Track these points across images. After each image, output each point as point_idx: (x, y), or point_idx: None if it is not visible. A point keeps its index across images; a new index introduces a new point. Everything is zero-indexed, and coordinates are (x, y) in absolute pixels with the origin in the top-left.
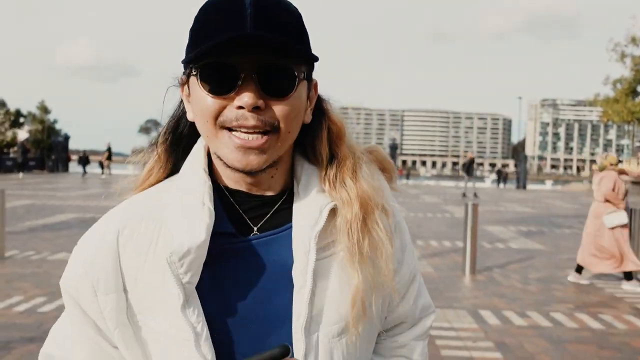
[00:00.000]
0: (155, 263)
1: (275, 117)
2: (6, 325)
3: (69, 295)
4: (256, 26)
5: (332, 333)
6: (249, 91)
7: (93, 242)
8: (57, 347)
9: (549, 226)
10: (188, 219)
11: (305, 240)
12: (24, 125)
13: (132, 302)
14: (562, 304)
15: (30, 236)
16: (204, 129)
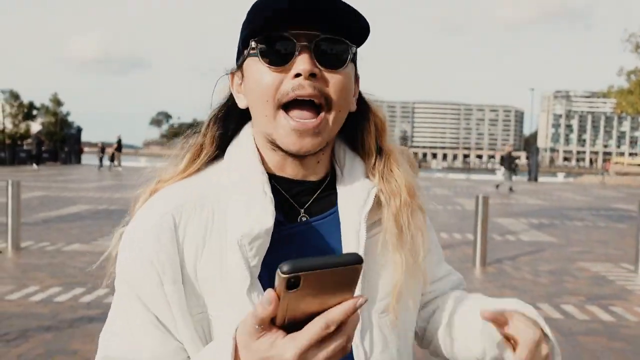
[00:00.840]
0: (212, 251)
1: (329, 88)
2: (23, 314)
3: (130, 288)
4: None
5: (379, 309)
6: (305, 60)
7: (150, 232)
8: (121, 346)
9: (560, 219)
10: (253, 206)
11: (355, 220)
12: (37, 117)
13: (189, 293)
14: (573, 296)
15: (44, 227)
16: (262, 110)
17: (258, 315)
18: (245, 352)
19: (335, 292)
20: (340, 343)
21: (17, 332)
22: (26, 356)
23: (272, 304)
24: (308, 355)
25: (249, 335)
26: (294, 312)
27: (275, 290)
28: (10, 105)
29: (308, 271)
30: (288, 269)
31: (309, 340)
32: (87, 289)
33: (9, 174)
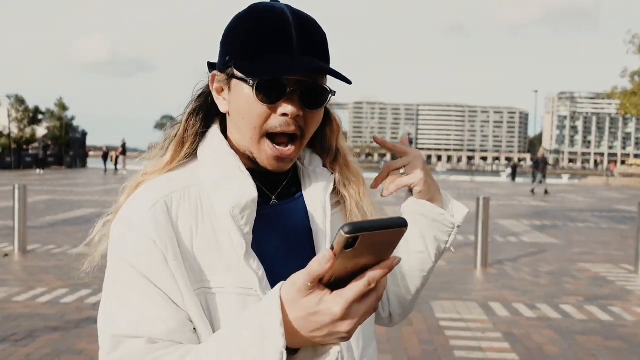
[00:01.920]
0: (206, 230)
1: (306, 125)
2: (31, 315)
3: (134, 269)
4: (302, 51)
5: None
6: (293, 103)
7: (147, 215)
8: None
9: (562, 220)
10: (235, 183)
11: (320, 199)
12: (43, 122)
13: (188, 269)
14: (572, 296)
15: (50, 231)
16: (248, 133)
17: (313, 272)
18: (292, 307)
19: (378, 253)
20: (377, 299)
21: (24, 332)
22: (34, 356)
23: (330, 262)
24: (352, 309)
25: (298, 292)
26: (342, 270)
27: (333, 250)
28: (16, 110)
29: (367, 232)
30: (350, 230)
31: (355, 295)
32: (93, 290)
33: (15, 178)
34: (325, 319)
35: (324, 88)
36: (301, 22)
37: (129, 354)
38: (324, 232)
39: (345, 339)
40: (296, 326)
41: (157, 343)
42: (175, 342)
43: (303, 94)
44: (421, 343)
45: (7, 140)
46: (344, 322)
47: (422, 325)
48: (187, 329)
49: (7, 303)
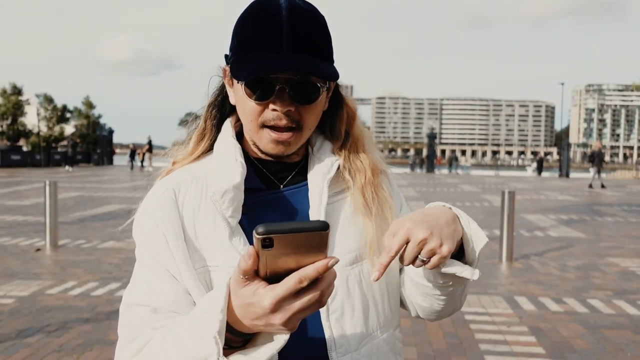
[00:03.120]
0: (207, 211)
1: (301, 118)
2: (63, 308)
3: (144, 248)
4: (291, 48)
5: (345, 262)
6: (282, 99)
7: (156, 200)
8: (142, 294)
9: (590, 214)
10: (224, 169)
11: (319, 185)
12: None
13: (191, 249)
14: (600, 290)
15: (80, 226)
16: (247, 124)
17: (240, 267)
18: (234, 297)
19: (309, 253)
20: (314, 296)
21: (57, 324)
22: (67, 346)
23: (251, 259)
24: (284, 304)
25: (237, 283)
26: (274, 267)
27: (254, 248)
28: (44, 109)
29: (279, 234)
30: (262, 231)
31: (285, 291)
32: (122, 283)
33: (45, 175)
34: (257, 310)
35: (313, 84)
36: (296, 18)
37: (136, 319)
38: (316, 217)
39: (287, 331)
40: (238, 314)
41: (159, 313)
42: (175, 312)
43: (292, 90)
44: (446, 336)
45: (37, 138)
46: (274, 315)
47: (447, 318)
48: (185, 301)
49: (40, 296)
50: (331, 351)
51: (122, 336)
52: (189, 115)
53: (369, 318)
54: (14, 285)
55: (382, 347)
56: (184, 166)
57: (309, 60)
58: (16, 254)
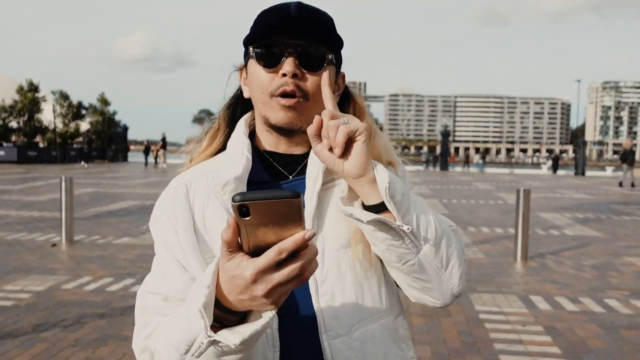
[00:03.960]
0: (215, 206)
1: (307, 87)
2: (78, 303)
3: (157, 239)
4: (298, 18)
5: (336, 245)
6: (290, 64)
7: (170, 195)
8: (154, 282)
9: (607, 213)
10: (230, 162)
11: (315, 170)
12: (86, 117)
13: (200, 240)
14: (617, 290)
15: (95, 222)
16: (258, 98)
17: (223, 238)
18: (221, 273)
19: (286, 225)
20: (294, 269)
21: (73, 318)
22: (82, 340)
23: (231, 228)
24: (265, 276)
25: (222, 257)
26: (255, 240)
27: (234, 218)
28: (60, 106)
29: (253, 201)
30: (238, 199)
31: (265, 263)
32: (137, 279)
33: (60, 171)
34: (240, 282)
35: (320, 51)
36: (303, 8)
37: (149, 306)
38: (309, 201)
39: (271, 306)
40: (224, 290)
41: (169, 301)
42: (184, 301)
43: (300, 56)
44: (460, 335)
45: (53, 134)
46: (256, 286)
47: (461, 317)
48: None
49: (56, 290)
50: (322, 334)
51: (137, 322)
52: (203, 113)
53: (362, 303)
54: (30, 280)
55: (378, 333)
56: (198, 163)
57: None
58: (33, 249)
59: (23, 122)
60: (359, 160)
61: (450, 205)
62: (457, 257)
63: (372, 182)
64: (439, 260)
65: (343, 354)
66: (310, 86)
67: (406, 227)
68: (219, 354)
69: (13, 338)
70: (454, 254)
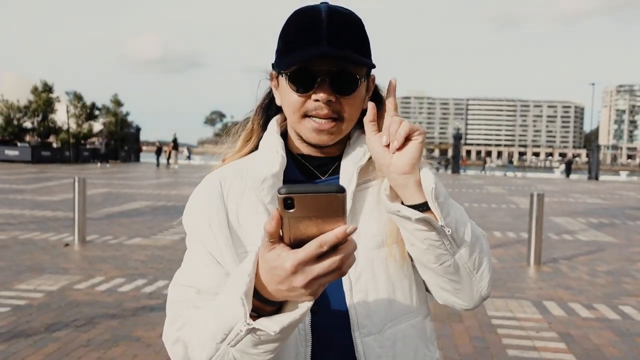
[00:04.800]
0: (249, 200)
1: (342, 108)
2: (90, 303)
3: (192, 234)
4: (330, 43)
5: (370, 245)
6: (323, 90)
7: (204, 191)
8: (187, 276)
9: (621, 218)
10: (265, 160)
11: (349, 171)
12: (99, 117)
13: (234, 235)
14: (632, 297)
15: (108, 222)
16: (291, 117)
17: (266, 229)
18: (261, 261)
19: (328, 219)
20: (334, 262)
21: (85, 319)
22: (94, 341)
23: (275, 220)
24: (305, 267)
25: (264, 248)
26: (297, 233)
27: (278, 210)
28: (74, 107)
29: (298, 194)
30: (284, 191)
31: (306, 255)
32: (149, 280)
33: (74, 171)
34: (280, 272)
35: (352, 75)
36: (333, 17)
37: (182, 299)
38: None
39: (309, 297)
40: (264, 279)
41: (202, 295)
42: (218, 295)
43: (333, 82)
44: (473, 341)
45: (66, 135)
46: (296, 276)
47: (473, 322)
48: None
49: (69, 290)
50: (354, 331)
51: (169, 313)
52: (215, 114)
53: (394, 302)
54: (43, 279)
55: (408, 333)
56: (231, 162)
57: (347, 51)
58: (46, 249)
59: (37, 122)
60: (411, 157)
61: None
62: (487, 261)
63: (418, 182)
64: (472, 262)
65: (375, 352)
66: (344, 108)
67: (447, 230)
68: (256, 342)
69: (26, 337)
70: (485, 258)
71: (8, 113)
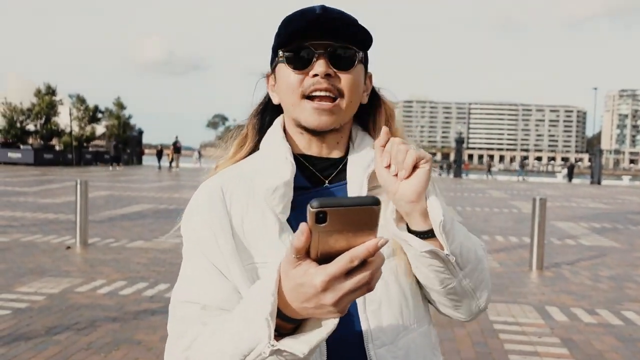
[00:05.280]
0: (255, 208)
1: (341, 84)
2: (92, 306)
3: (194, 245)
4: (325, 18)
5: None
6: (321, 64)
7: (204, 198)
8: (190, 291)
9: (624, 223)
10: (275, 168)
11: (359, 179)
12: (102, 120)
13: (239, 246)
14: (635, 302)
15: (109, 225)
16: (289, 100)
17: (294, 244)
18: (285, 278)
19: (359, 232)
20: (364, 277)
21: (86, 322)
22: (95, 344)
23: (304, 235)
24: (335, 283)
25: (289, 264)
26: (325, 247)
27: (308, 224)
28: (77, 109)
29: (332, 207)
30: (316, 205)
31: (336, 270)
32: (150, 283)
33: (76, 174)
34: (309, 290)
35: (350, 49)
36: (328, 9)
37: (187, 316)
38: None
39: (336, 314)
40: (288, 297)
41: (208, 310)
42: (225, 310)
43: (331, 56)
44: (475, 346)
45: (69, 138)
46: (326, 294)
47: (475, 327)
48: (234, 298)
49: (70, 293)
50: (368, 343)
51: (172, 332)
52: (217, 117)
53: (406, 311)
54: (44, 282)
55: (419, 341)
56: (231, 165)
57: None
58: (47, 252)
59: (40, 125)
60: (417, 186)
61: (464, 213)
62: (487, 277)
63: (424, 211)
64: (474, 282)
65: None
66: (344, 84)
67: (452, 258)
68: None
69: (26, 340)
70: (485, 274)
71: (11, 115)
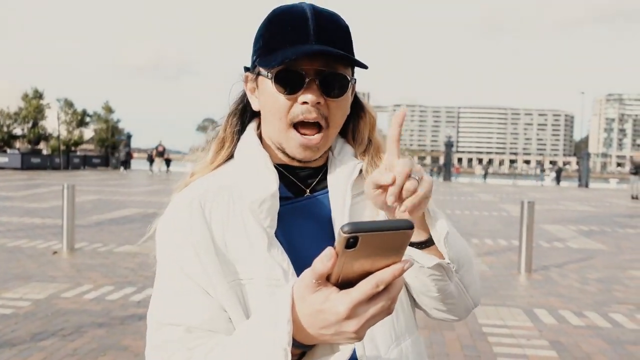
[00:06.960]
0: (237, 221)
1: (329, 113)
2: (78, 312)
3: (173, 262)
4: (318, 41)
5: None
6: (312, 91)
7: (183, 212)
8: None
9: (611, 226)
10: (259, 178)
11: (342, 188)
12: (90, 124)
13: (222, 262)
14: (622, 304)
15: (97, 229)
16: (276, 124)
17: (317, 270)
18: (301, 304)
19: (386, 255)
20: (387, 302)
21: (72, 327)
22: (81, 350)
23: (331, 261)
24: (359, 310)
25: (306, 289)
26: (348, 271)
27: (335, 249)
28: (65, 113)
29: (366, 232)
30: (349, 229)
31: (361, 296)
32: (137, 288)
33: (64, 178)
34: (330, 317)
35: (343, 76)
36: (320, 16)
37: (169, 340)
38: (341, 218)
39: (355, 340)
40: (304, 323)
41: (193, 332)
42: (211, 331)
43: (322, 83)
44: (464, 349)
45: (57, 142)
46: (349, 321)
47: (464, 330)
48: (221, 318)
49: (56, 299)
50: (362, 357)
51: (153, 358)
52: (207, 121)
53: (397, 322)
54: (30, 287)
55: (409, 350)
56: (207, 174)
57: (336, 50)
58: (33, 257)
59: (27, 129)
60: (416, 216)
61: (454, 217)
62: (476, 274)
63: (420, 220)
64: (467, 284)
65: None
66: (332, 113)
67: (453, 266)
68: None
69: (11, 347)
70: (475, 272)
71: None
